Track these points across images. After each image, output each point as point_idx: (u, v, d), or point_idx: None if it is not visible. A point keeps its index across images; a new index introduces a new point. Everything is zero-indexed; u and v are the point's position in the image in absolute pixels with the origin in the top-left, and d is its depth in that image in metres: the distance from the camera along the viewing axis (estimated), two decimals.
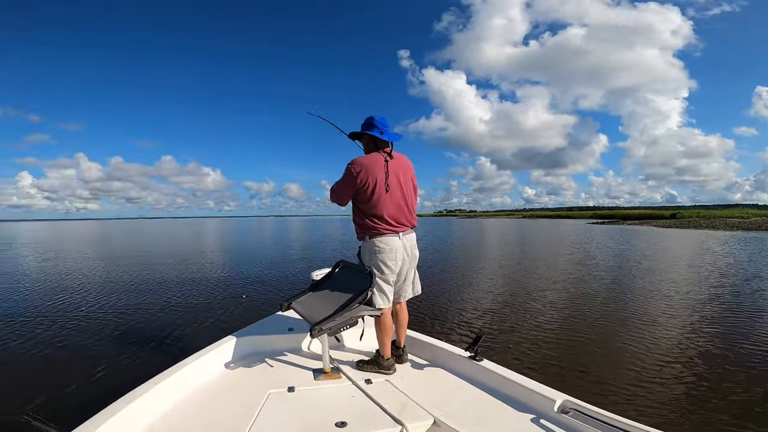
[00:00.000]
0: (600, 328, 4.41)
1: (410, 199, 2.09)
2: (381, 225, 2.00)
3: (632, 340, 3.94)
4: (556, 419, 1.51)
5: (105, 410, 1.42)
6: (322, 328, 1.76)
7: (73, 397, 2.87)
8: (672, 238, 20.33)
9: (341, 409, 1.64)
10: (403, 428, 1.50)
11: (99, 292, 6.91)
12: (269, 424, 1.52)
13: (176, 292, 6.78)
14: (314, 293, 2.22)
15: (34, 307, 5.79)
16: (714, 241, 17.79)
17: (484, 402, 1.71)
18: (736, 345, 3.79)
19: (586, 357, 3.54)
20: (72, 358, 3.72)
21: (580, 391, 2.46)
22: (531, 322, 4.63)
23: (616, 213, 73.93)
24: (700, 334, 4.12)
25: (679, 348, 3.72)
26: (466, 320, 4.75)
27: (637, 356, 3.51)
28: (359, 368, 2.05)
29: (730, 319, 4.67)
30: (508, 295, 6.10)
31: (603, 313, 5.04)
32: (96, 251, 15.74)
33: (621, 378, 3.06)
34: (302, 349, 2.31)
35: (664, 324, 4.49)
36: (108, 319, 5.05)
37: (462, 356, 2.00)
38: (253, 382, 1.89)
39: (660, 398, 2.75)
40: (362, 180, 1.97)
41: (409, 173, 2.11)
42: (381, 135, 2.02)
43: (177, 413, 1.60)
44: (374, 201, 1.99)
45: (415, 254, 2.12)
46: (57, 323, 4.85)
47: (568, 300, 5.77)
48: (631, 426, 1.33)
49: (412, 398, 1.74)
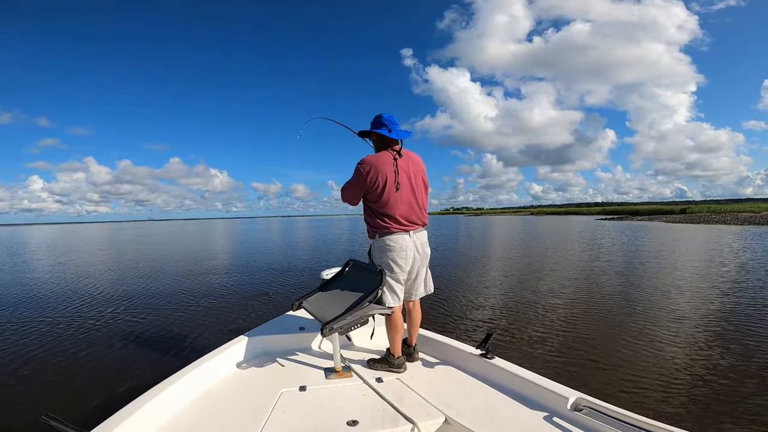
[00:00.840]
0: (612, 323, 4.36)
1: (421, 197, 2.08)
2: (391, 224, 2.00)
3: (645, 335, 3.89)
4: (569, 417, 1.49)
5: (121, 411, 1.45)
6: (333, 327, 1.76)
7: (90, 398, 2.93)
8: (681, 233, 20.03)
9: (353, 408, 1.64)
10: (414, 427, 1.50)
11: (112, 294, 7.01)
12: (282, 423, 1.53)
13: (187, 293, 6.86)
14: (325, 292, 2.23)
15: (51, 309, 5.90)
16: (726, 235, 17.52)
17: (495, 400, 1.70)
18: (757, 339, 3.72)
19: (599, 353, 3.49)
20: (87, 360, 3.78)
21: (593, 389, 2.45)
22: (541, 318, 4.59)
23: (625, 209, 73.07)
24: (717, 330, 4.04)
25: (695, 344, 3.65)
26: (475, 317, 4.73)
27: (651, 352, 3.46)
28: (370, 367, 2.05)
29: (748, 313, 4.59)
30: (517, 292, 6.07)
31: (614, 308, 4.98)
32: (108, 254, 15.96)
33: (635, 374, 3.01)
34: (313, 348, 2.32)
35: (679, 319, 4.42)
36: (122, 321, 5.13)
37: (473, 354, 1.99)
38: (265, 381, 1.91)
39: (676, 394, 2.70)
40: (372, 179, 1.97)
41: (420, 171, 2.09)
42: (389, 133, 2.01)
43: (190, 414, 1.62)
44: (384, 200, 1.99)
45: (426, 252, 2.11)
46: (73, 325, 4.94)
47: (579, 296, 5.72)
48: (645, 423, 1.31)
49: (423, 397, 1.74)
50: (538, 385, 1.66)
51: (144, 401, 1.52)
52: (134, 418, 1.42)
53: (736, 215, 38.14)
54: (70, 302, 6.34)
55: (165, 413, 1.57)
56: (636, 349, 3.57)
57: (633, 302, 5.25)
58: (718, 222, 30.48)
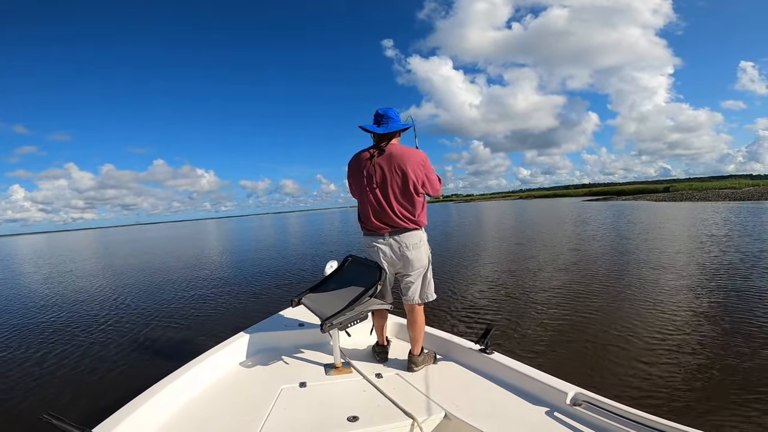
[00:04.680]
0: (609, 316, 4.23)
1: (397, 197, 1.87)
2: (364, 224, 2.00)
3: (644, 327, 3.77)
4: (568, 412, 1.51)
5: (122, 409, 1.46)
6: (332, 323, 1.77)
7: (91, 397, 2.97)
8: (665, 211, 20.45)
9: (353, 404, 1.66)
10: (414, 422, 1.51)
11: (110, 295, 7.00)
12: (282, 419, 1.54)
13: (185, 292, 6.84)
14: (324, 288, 2.23)
15: (51, 310, 5.95)
16: (707, 212, 17.95)
17: (495, 395, 1.71)
18: (757, 326, 3.63)
19: (597, 346, 3.42)
20: (88, 359, 3.82)
21: (591, 383, 2.37)
22: (538, 311, 4.52)
23: (611, 189, 74.04)
24: (713, 320, 3.89)
25: (693, 335, 3.52)
26: (472, 311, 4.67)
27: (649, 344, 3.36)
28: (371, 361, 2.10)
29: (745, 298, 4.50)
30: (512, 284, 6.05)
31: (610, 299, 4.88)
32: (100, 260, 15.67)
33: (633, 367, 2.95)
34: (313, 344, 2.34)
35: (677, 311, 4.25)
36: (122, 321, 5.15)
37: (472, 349, 2.01)
38: (265, 378, 1.92)
39: (671, 387, 2.63)
40: (350, 179, 2.01)
41: (399, 167, 1.85)
42: (369, 127, 1.93)
43: (191, 411, 1.63)
44: (360, 200, 2.00)
45: (407, 256, 1.92)
46: (73, 326, 4.99)
47: (574, 286, 5.68)
48: (643, 417, 1.33)
49: (422, 392, 1.76)
50: (537, 380, 1.68)
51: (145, 399, 1.53)
52: (136, 416, 1.43)
53: (717, 192, 39.13)
54: (71, 304, 6.37)
55: (166, 410, 1.58)
56: (634, 340, 3.47)
57: (628, 291, 5.15)
58: (700, 199, 31.23)
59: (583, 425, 1.43)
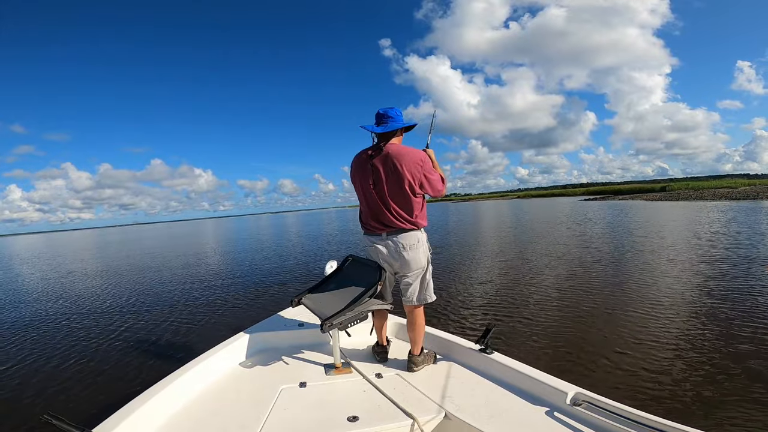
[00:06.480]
0: (609, 316, 4.22)
1: (395, 197, 1.85)
2: (364, 223, 2.02)
3: (644, 327, 3.77)
4: (568, 412, 1.52)
5: (122, 409, 1.47)
6: (332, 323, 1.77)
7: (91, 397, 2.97)
8: (661, 211, 20.53)
9: (353, 404, 1.66)
10: (414, 422, 1.51)
11: (110, 295, 7.00)
12: (282, 419, 1.54)
13: (185, 292, 6.85)
14: (324, 288, 2.23)
15: (51, 311, 5.95)
16: (701, 212, 18.04)
17: (495, 395, 1.71)
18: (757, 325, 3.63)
19: (597, 346, 3.40)
20: (88, 359, 3.82)
21: (591, 383, 2.38)
22: (538, 311, 4.51)
23: (608, 188, 74.43)
24: (712, 319, 3.88)
25: (693, 335, 3.51)
26: (472, 312, 4.66)
27: (649, 344, 3.36)
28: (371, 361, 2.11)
29: (742, 298, 4.51)
30: (511, 284, 6.04)
31: (611, 300, 4.83)
32: (99, 261, 15.62)
33: (632, 368, 2.94)
34: (313, 344, 2.34)
35: (676, 310, 4.24)
36: (122, 321, 5.15)
37: (472, 349, 2.01)
38: (266, 378, 1.92)
39: (671, 387, 2.65)
40: (352, 180, 2.02)
41: (399, 167, 1.81)
42: (369, 127, 1.93)
43: (191, 410, 1.64)
44: (360, 200, 2.01)
45: (404, 257, 1.90)
46: (73, 326, 5.00)
47: (573, 287, 5.66)
48: (643, 417, 1.34)
49: (423, 392, 1.76)
50: (537, 380, 1.68)
51: (145, 399, 1.54)
52: (136, 416, 1.44)
53: (713, 191, 39.30)
54: (70, 305, 6.36)
55: (166, 410, 1.59)
56: (633, 340, 3.46)
57: (628, 291, 5.13)
58: (695, 198, 31.49)
59: (583, 425, 1.43)
